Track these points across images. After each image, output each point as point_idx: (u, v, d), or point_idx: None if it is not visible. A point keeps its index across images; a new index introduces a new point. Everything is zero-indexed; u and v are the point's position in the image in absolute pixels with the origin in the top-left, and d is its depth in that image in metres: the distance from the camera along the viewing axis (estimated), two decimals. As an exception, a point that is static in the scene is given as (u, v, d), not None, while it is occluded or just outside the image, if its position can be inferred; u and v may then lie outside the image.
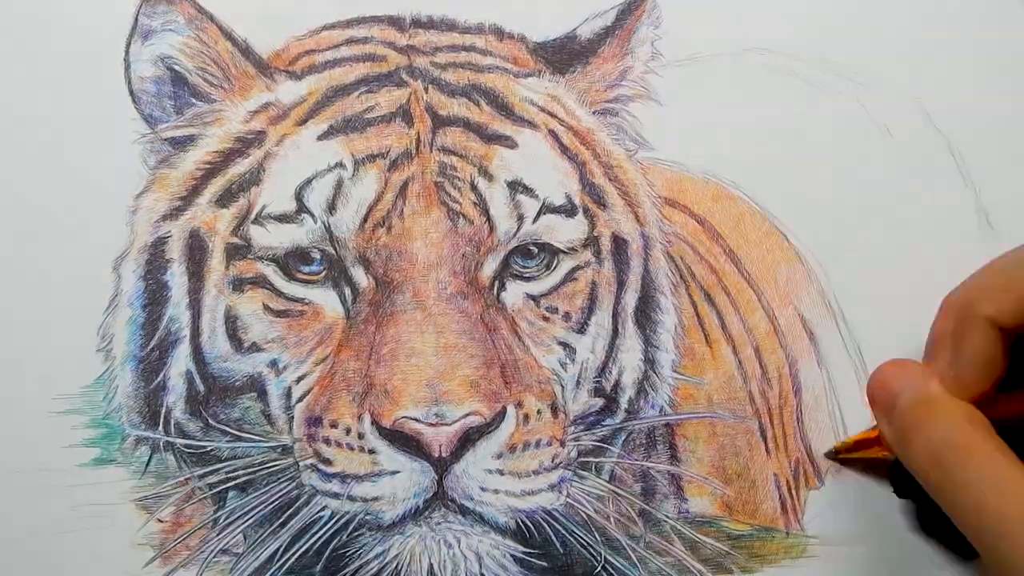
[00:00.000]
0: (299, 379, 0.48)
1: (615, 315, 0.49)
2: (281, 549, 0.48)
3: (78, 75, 0.50)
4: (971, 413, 0.41)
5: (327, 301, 0.48)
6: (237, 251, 0.48)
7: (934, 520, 0.48)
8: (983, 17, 0.52)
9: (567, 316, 0.49)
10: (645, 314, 0.50)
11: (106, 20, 0.50)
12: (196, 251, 0.49)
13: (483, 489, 0.47)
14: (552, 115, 0.50)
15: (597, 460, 0.49)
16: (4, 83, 0.50)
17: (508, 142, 0.49)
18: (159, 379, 0.48)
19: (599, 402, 0.49)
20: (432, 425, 0.46)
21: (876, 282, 0.51)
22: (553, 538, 0.48)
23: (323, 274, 0.48)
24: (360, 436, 0.47)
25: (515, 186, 0.49)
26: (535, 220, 0.48)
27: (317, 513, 0.47)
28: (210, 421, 0.48)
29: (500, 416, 0.47)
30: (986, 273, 0.42)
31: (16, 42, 0.50)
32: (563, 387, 0.48)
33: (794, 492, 0.50)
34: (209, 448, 0.48)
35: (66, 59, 0.50)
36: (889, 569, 0.49)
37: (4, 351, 0.49)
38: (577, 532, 0.48)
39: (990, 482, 0.39)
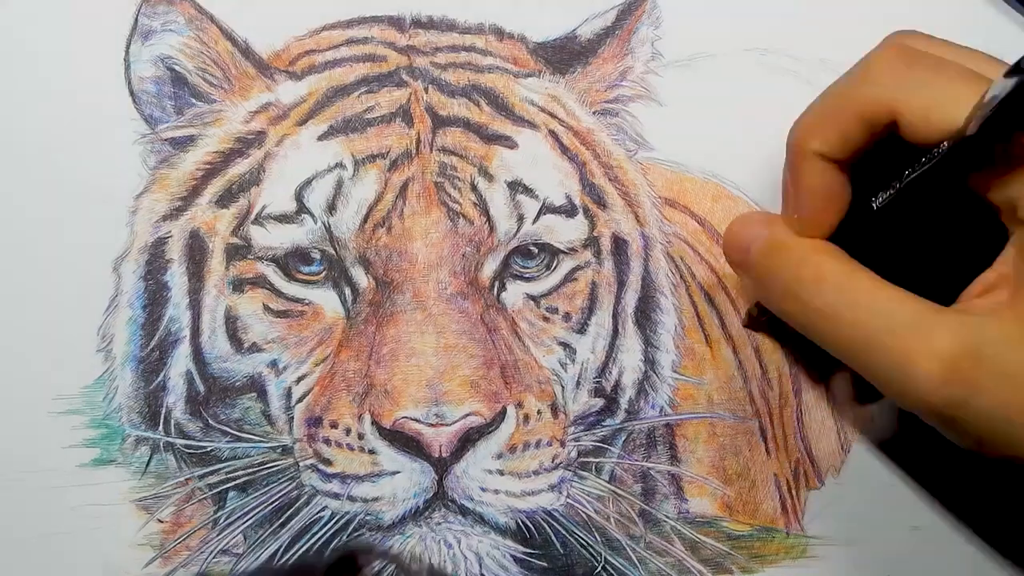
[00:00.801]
0: (299, 379, 0.48)
1: (615, 315, 0.50)
2: (281, 549, 0.48)
3: (78, 75, 0.50)
4: (816, 244, 0.42)
5: (327, 301, 0.48)
6: (237, 251, 0.48)
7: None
8: (970, 21, 0.52)
9: (567, 316, 0.49)
10: (645, 314, 0.50)
11: (106, 20, 0.50)
12: (196, 251, 0.49)
13: (483, 489, 0.47)
14: (552, 115, 0.50)
15: (597, 460, 0.49)
16: (3, 83, 0.50)
17: (508, 142, 0.49)
18: (159, 379, 0.48)
19: (599, 402, 0.49)
20: (432, 425, 0.46)
21: None
22: (553, 538, 0.48)
23: (323, 274, 0.48)
24: (360, 436, 0.47)
25: (515, 186, 0.49)
26: (535, 220, 0.49)
27: (317, 513, 0.48)
28: (210, 421, 0.48)
29: (500, 416, 0.47)
30: (810, 110, 0.42)
31: (15, 42, 0.50)
32: (563, 387, 0.49)
33: (794, 492, 0.50)
34: (209, 448, 0.48)
35: (66, 59, 0.50)
36: (889, 570, 0.49)
37: (4, 352, 0.48)
38: (577, 532, 0.48)
39: (843, 301, 0.40)
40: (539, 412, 0.48)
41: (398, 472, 0.47)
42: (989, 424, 0.38)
